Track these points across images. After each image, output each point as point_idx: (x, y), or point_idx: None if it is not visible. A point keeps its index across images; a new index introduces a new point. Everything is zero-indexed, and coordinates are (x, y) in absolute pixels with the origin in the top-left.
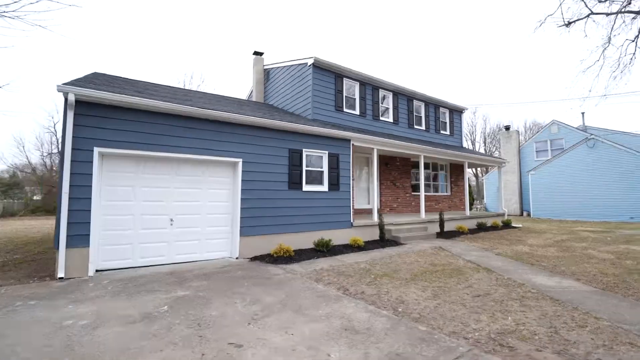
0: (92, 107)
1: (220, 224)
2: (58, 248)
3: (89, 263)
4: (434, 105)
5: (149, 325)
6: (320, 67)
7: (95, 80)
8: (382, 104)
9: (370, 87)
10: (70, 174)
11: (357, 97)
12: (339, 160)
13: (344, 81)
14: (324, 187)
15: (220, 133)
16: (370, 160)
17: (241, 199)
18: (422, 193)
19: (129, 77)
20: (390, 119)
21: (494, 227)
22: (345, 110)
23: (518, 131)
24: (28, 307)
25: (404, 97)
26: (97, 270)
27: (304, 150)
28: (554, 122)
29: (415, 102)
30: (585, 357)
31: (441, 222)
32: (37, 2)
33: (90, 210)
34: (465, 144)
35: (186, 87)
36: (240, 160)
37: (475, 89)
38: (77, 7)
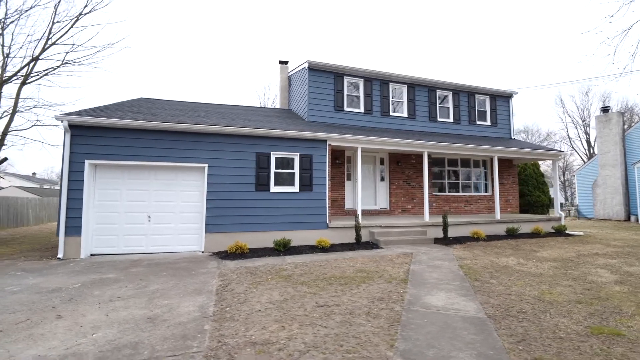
0: (84, 129)
1: (191, 222)
2: (59, 236)
3: (80, 248)
4: (466, 94)
5: (43, 295)
6: (316, 69)
7: (107, 106)
8: (393, 98)
9: (378, 82)
10: (68, 180)
11: (361, 94)
12: (312, 161)
13: (345, 80)
14: (295, 189)
15: (188, 142)
16: (377, 159)
17: (206, 199)
18: (426, 192)
19: (170, 99)
20: (405, 114)
21: (533, 234)
22: (346, 109)
23: (621, 113)
24: (10, 276)
25: (423, 89)
26: (91, 255)
27: (272, 153)
28: None
29: (439, 93)
30: None
31: (444, 226)
32: (103, 50)
33: (81, 208)
34: (575, 132)
35: (265, 97)
36: (206, 165)
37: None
38: (128, 48)
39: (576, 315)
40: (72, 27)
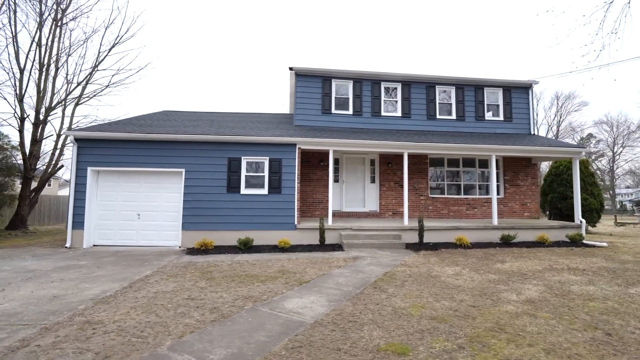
0: (87, 141)
1: (172, 220)
2: (67, 229)
3: (83, 240)
4: (472, 87)
5: (17, 275)
6: (303, 75)
7: (119, 120)
8: (386, 97)
9: (369, 82)
10: (75, 184)
11: (350, 96)
12: (281, 164)
13: (333, 83)
14: (264, 191)
15: (169, 150)
16: (367, 160)
17: (183, 200)
18: (406, 194)
19: (187, 110)
20: (398, 113)
21: (535, 243)
22: (334, 111)
23: None
24: (20, 259)
25: (419, 85)
26: (94, 245)
27: (243, 157)
28: None
29: (439, 89)
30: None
31: (420, 231)
32: (137, 72)
33: (84, 207)
34: None
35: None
36: (183, 170)
37: None
38: (154, 67)
39: (401, 331)
40: (107, 54)
